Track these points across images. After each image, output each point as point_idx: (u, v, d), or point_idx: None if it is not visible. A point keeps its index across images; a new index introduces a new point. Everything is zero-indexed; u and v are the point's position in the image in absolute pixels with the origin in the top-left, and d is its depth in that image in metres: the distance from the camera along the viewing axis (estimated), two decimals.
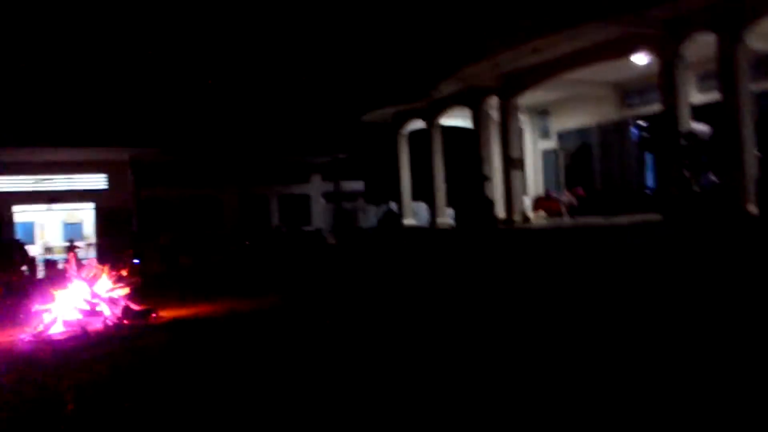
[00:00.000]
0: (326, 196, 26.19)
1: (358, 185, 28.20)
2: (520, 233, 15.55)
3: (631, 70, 15.69)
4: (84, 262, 10.73)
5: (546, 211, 17.99)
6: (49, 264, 16.96)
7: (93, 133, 21.49)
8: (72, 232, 24.47)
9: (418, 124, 21.56)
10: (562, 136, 21.02)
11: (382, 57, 19.67)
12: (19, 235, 23.16)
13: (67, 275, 9.59)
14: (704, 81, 15.07)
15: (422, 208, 23.15)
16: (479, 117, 18.58)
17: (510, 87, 17.40)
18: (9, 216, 21.73)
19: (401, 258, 16.57)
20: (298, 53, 21.25)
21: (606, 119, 19.00)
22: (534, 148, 21.99)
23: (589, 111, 19.64)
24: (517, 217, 17.43)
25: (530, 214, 17.96)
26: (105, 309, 8.43)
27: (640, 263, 10.13)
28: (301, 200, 25.97)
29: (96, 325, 8.20)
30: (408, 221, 22.11)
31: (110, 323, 8.32)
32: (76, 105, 21.76)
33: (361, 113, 21.27)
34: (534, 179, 21.89)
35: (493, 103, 18.30)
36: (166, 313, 9.28)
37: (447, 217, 20.37)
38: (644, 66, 14.53)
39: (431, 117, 20.45)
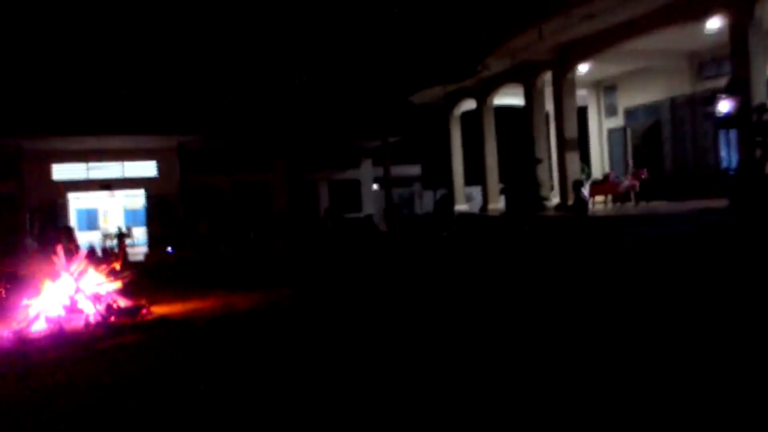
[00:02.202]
0: (379, 181, 25.38)
1: (414, 170, 27.20)
2: (568, 221, 14.10)
3: (705, 37, 13.77)
4: (132, 248, 10.53)
5: (604, 196, 16.32)
6: (91, 251, 17.19)
7: (142, 121, 21.66)
8: (133, 218, 25.07)
9: (470, 105, 20.28)
10: (630, 113, 19.08)
11: (429, 34, 18.49)
12: (81, 221, 23.95)
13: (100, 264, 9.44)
14: None
15: (477, 192, 21.90)
16: (532, 94, 17.08)
17: (564, 60, 15.82)
18: (63, 202, 22.37)
19: (441, 248, 15.54)
20: (345, 33, 20.41)
21: (679, 93, 16.99)
22: (599, 127, 20.16)
23: (660, 85, 17.64)
24: (571, 203, 15.91)
25: (587, 199, 16.34)
26: (88, 306, 8.03)
27: (681, 256, 8.67)
28: (351, 186, 25.30)
29: (77, 322, 7.81)
30: (460, 207, 20.95)
31: (93, 321, 7.91)
32: (126, 93, 22.03)
33: (410, 94, 20.22)
34: (600, 161, 20.12)
35: (548, 79, 16.76)
36: (160, 309, 8.82)
37: (500, 202, 19.06)
38: (720, 33, 12.65)
39: (483, 96, 19.12)
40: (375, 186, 26.09)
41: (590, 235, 12.56)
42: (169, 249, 15.40)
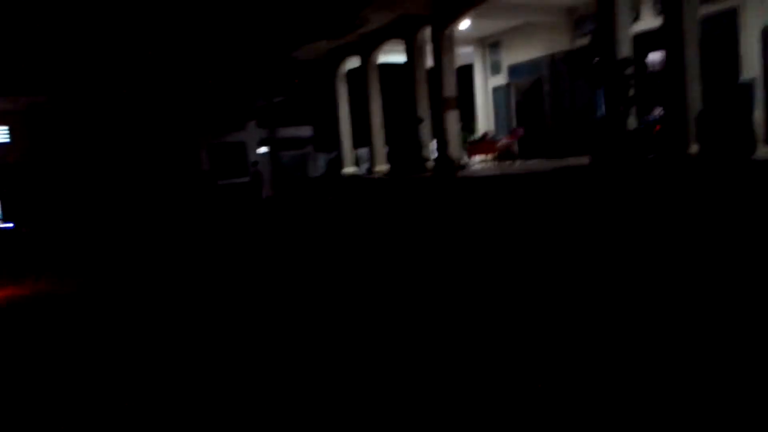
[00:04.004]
0: (268, 143, 24.17)
1: (306, 131, 26.16)
2: (446, 181, 13.75)
3: None
4: None
5: (483, 155, 16.14)
6: None
7: None
8: None
9: (356, 62, 19.44)
10: (513, 71, 18.94)
11: None
12: None
13: None
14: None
15: (367, 154, 21.28)
16: (413, 51, 16.48)
17: (442, 14, 15.26)
18: None
19: (321, 213, 14.86)
20: None
21: (558, 50, 16.92)
22: (485, 84, 19.96)
23: (541, 41, 17.51)
24: (452, 164, 15.61)
25: (466, 159, 16.12)
26: None
27: (536, 215, 8.45)
28: (235, 149, 23.92)
29: None
30: (348, 170, 20.29)
31: None
32: None
33: (292, 50, 19.08)
34: (486, 120, 19.98)
35: (429, 35, 16.17)
36: None
37: (386, 164, 18.55)
38: None
39: (366, 53, 18.32)
40: (263, 149, 24.88)
41: (447, 195, 12.23)
42: (10, 224, 13.71)
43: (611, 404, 3.09)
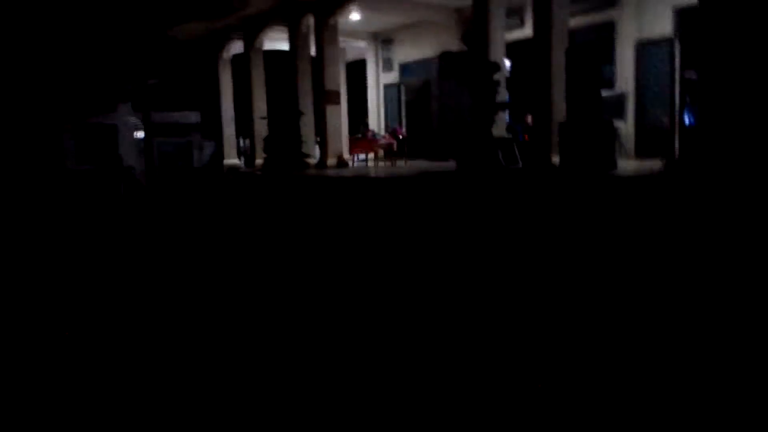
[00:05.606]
0: (148, 129, 22.37)
1: (195, 117, 24.54)
2: (321, 179, 12.97)
3: None
4: None
5: (365, 153, 15.52)
6: None
7: None
8: None
9: (240, 47, 18.25)
10: (405, 69, 18.47)
11: None
12: None
13: None
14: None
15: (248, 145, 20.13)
16: (297, 39, 15.56)
17: (326, 2, 14.45)
18: None
19: (191, 207, 13.68)
20: None
21: (447, 50, 16.57)
22: (377, 81, 19.38)
23: (431, 41, 17.11)
24: (331, 161, 14.89)
25: (348, 157, 15.44)
26: None
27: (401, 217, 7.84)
28: (106, 134, 21.94)
29: None
30: (230, 161, 19.10)
31: None
32: None
33: (167, 29, 17.59)
34: (377, 117, 19.41)
35: (313, 23, 15.30)
36: None
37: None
38: None
39: (250, 38, 17.20)
40: (141, 134, 23.05)
41: (317, 194, 11.48)
42: None
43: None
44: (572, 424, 2.60)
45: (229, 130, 19.08)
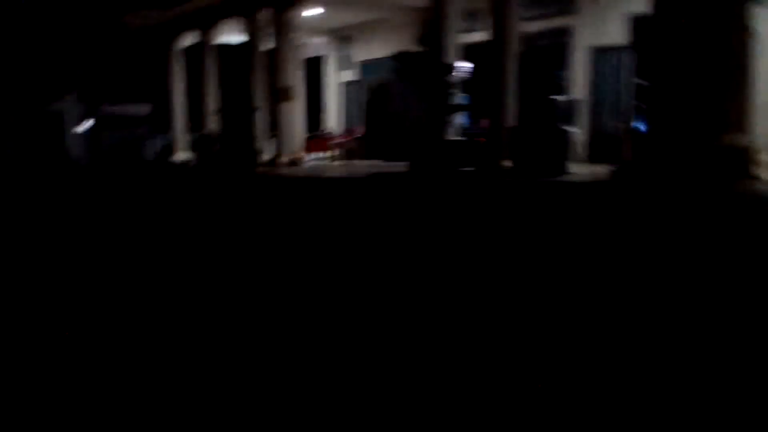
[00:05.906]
0: (95, 120, 21.51)
1: (145, 109, 23.73)
2: (273, 179, 12.61)
3: None
4: None
5: (322, 151, 15.23)
6: None
7: None
8: None
9: (194, 38, 17.70)
10: (365, 67, 18.24)
11: None
12: None
13: None
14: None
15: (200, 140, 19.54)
16: (252, 32, 15.15)
17: None
18: None
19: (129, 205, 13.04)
20: None
21: (404, 50, 16.37)
22: (336, 78, 19.09)
23: (390, 39, 16.88)
24: (284, 159, 14.53)
25: (302, 155, 15.11)
26: None
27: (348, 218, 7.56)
28: (52, 126, 21.00)
29: None
30: (181, 156, 18.52)
31: None
32: None
33: (118, 17, 16.94)
34: (336, 115, 19.10)
35: (268, 17, 14.92)
36: None
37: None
38: None
39: (205, 29, 16.69)
40: (89, 124, 22.10)
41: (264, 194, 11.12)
42: None
43: None
44: None
45: (179, 123, 18.50)
